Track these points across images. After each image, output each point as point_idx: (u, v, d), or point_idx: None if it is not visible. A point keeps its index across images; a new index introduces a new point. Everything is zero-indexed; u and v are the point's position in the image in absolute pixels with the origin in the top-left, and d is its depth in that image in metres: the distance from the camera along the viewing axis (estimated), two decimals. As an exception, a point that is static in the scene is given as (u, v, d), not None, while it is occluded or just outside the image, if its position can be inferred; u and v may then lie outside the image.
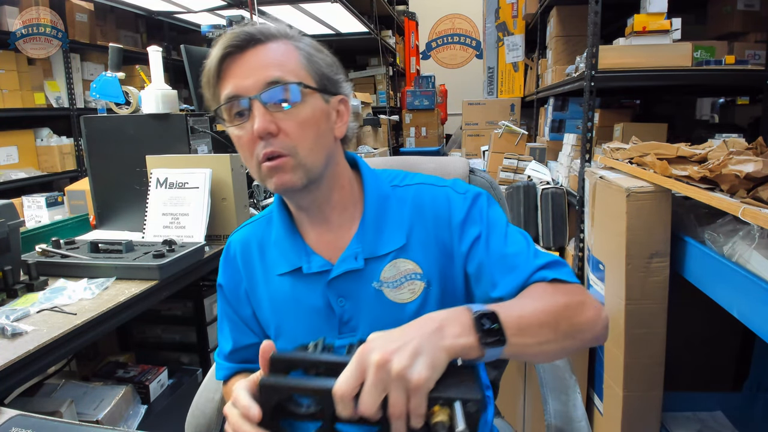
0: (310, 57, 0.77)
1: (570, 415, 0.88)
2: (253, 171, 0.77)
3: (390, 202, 0.84)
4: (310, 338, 0.77)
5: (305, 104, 0.74)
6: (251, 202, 1.93)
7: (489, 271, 0.79)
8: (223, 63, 0.74)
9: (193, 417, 0.95)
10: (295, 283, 0.83)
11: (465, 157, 4.08)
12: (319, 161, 0.77)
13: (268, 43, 0.75)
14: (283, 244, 0.84)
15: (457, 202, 0.83)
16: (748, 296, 1.16)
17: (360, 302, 0.81)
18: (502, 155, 3.13)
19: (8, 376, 0.98)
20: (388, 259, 0.81)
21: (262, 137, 0.72)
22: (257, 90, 0.72)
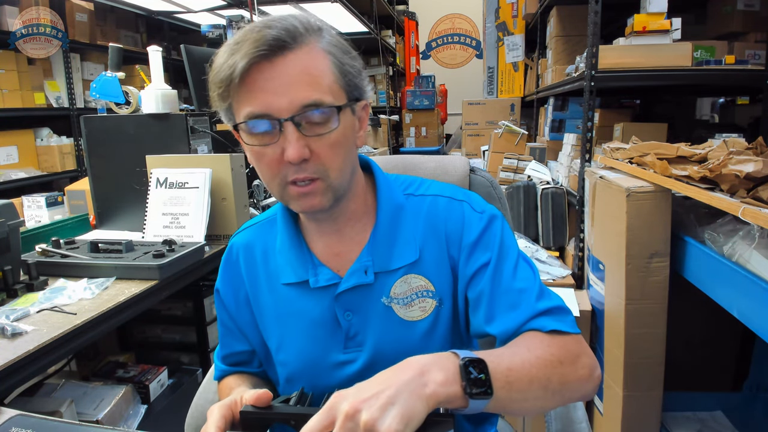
0: (341, 65, 0.70)
1: (570, 416, 0.88)
2: (274, 190, 0.72)
3: (404, 213, 0.79)
4: (314, 351, 0.77)
5: (339, 126, 0.69)
6: (251, 202, 1.93)
7: (489, 303, 0.74)
8: (248, 72, 0.65)
9: (193, 418, 0.95)
10: (300, 294, 0.79)
11: (465, 156, 4.07)
12: (346, 178, 0.73)
13: (299, 50, 0.67)
14: (288, 253, 0.80)
15: (472, 221, 0.78)
16: (748, 296, 1.16)
17: (368, 317, 0.77)
18: (502, 155, 3.13)
19: (8, 376, 0.98)
20: (399, 274, 0.77)
21: (295, 163, 0.67)
22: (291, 112, 0.66)
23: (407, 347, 0.74)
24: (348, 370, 0.78)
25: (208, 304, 1.85)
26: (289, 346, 0.81)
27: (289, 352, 0.81)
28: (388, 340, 0.76)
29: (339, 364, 0.78)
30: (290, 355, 0.81)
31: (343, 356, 0.78)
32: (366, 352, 0.77)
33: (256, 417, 0.64)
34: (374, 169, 0.83)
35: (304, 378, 0.80)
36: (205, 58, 2.10)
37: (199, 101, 2.04)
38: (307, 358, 0.79)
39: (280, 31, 0.65)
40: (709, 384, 1.95)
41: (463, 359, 0.59)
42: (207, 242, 1.59)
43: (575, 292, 2.06)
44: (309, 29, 0.69)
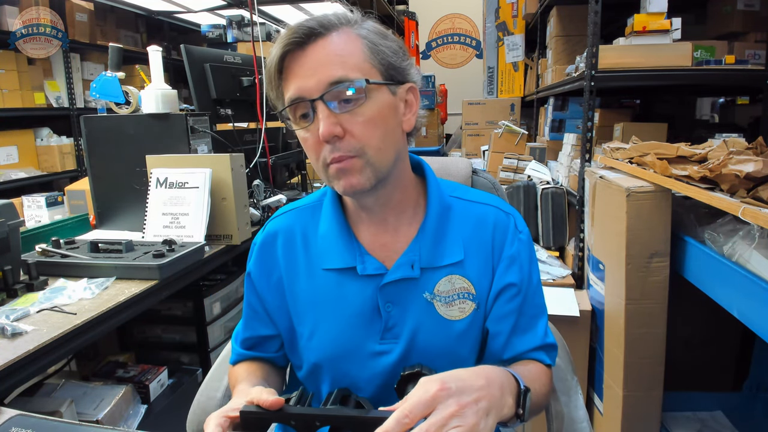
0: (375, 46, 0.72)
1: (572, 416, 0.88)
2: (319, 173, 0.75)
3: (452, 214, 0.82)
4: (350, 339, 0.79)
5: (371, 101, 0.70)
6: (251, 202, 1.93)
7: (511, 322, 0.80)
8: (284, 61, 0.71)
9: (195, 415, 0.95)
10: (343, 281, 0.80)
11: (465, 156, 4.07)
12: (388, 159, 0.74)
13: (329, 35, 0.70)
14: (334, 239, 0.81)
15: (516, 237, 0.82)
16: (748, 296, 1.16)
17: (408, 310, 0.78)
18: (502, 155, 3.13)
19: (8, 376, 0.98)
20: (444, 273, 0.79)
21: (328, 141, 0.69)
22: (320, 91, 0.69)
23: (442, 344, 0.78)
24: (382, 361, 0.79)
25: (208, 304, 1.85)
26: (324, 332, 0.81)
27: (323, 338, 0.81)
28: (425, 335, 0.78)
29: (374, 354, 0.79)
30: (324, 341, 0.81)
31: (379, 347, 0.79)
32: (401, 345, 0.78)
33: (256, 417, 0.64)
34: (425, 166, 0.85)
35: (334, 365, 0.80)
36: (205, 58, 2.11)
37: (199, 101, 2.04)
38: (342, 345, 0.80)
39: (314, 23, 0.71)
40: (709, 384, 1.95)
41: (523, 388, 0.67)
42: (207, 242, 1.59)
43: (575, 292, 2.06)
44: (342, 19, 0.72)
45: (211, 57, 2.14)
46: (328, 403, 0.66)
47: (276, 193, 2.19)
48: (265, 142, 2.17)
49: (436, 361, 0.77)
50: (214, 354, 1.87)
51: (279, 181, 2.41)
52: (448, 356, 0.78)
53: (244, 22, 3.97)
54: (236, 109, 2.20)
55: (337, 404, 0.67)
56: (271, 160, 2.22)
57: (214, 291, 1.88)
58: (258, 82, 2.19)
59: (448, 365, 0.75)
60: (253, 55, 2.24)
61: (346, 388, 0.73)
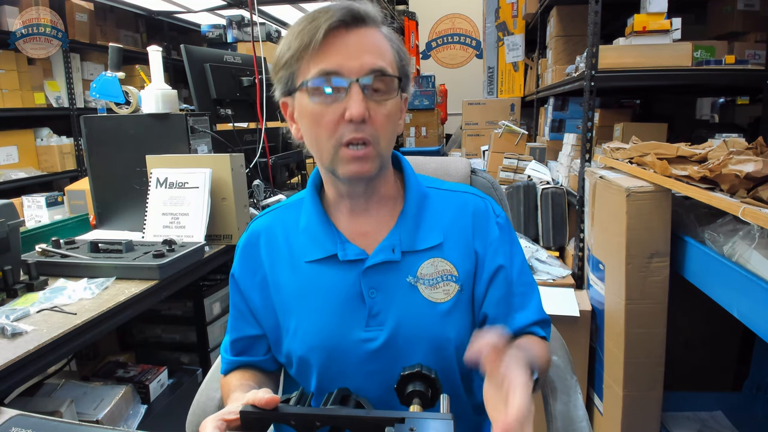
0: (400, 52, 0.78)
1: (571, 415, 0.88)
2: (325, 152, 0.75)
3: (429, 202, 0.85)
4: (336, 328, 0.80)
5: (393, 98, 0.75)
6: (251, 202, 1.93)
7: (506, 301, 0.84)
8: (326, 35, 0.72)
9: (194, 416, 0.94)
10: (325, 271, 0.81)
11: (465, 156, 4.07)
12: (389, 153, 0.79)
13: (371, 28, 0.75)
14: (315, 231, 0.83)
15: (496, 221, 0.86)
16: (748, 296, 1.16)
17: (392, 295, 0.80)
18: (502, 155, 3.13)
19: (8, 376, 0.98)
20: (426, 256, 0.81)
21: (356, 121, 0.71)
22: (360, 74, 0.72)
23: (427, 327, 0.80)
24: (367, 348, 0.80)
25: (208, 304, 1.85)
26: (310, 324, 0.82)
27: (309, 329, 0.82)
28: (410, 319, 0.80)
29: (359, 342, 0.80)
30: (310, 332, 0.82)
31: (364, 334, 0.80)
32: (386, 331, 0.80)
33: (256, 417, 0.64)
34: (402, 161, 0.89)
35: (321, 355, 0.81)
36: (205, 58, 2.11)
37: (199, 101, 2.04)
38: (327, 334, 0.81)
39: (361, 10, 0.74)
40: (709, 384, 1.95)
41: (536, 377, 0.69)
42: (207, 242, 1.59)
43: (575, 292, 2.06)
44: (378, 15, 0.77)
45: (211, 57, 2.14)
46: (328, 403, 0.66)
47: (276, 193, 2.19)
48: (265, 142, 2.17)
49: (423, 345, 0.80)
50: (214, 354, 1.87)
51: (279, 181, 2.41)
52: (433, 340, 0.80)
53: (244, 22, 3.97)
54: (236, 109, 2.20)
55: (337, 404, 0.67)
56: (271, 160, 2.22)
57: (214, 291, 1.88)
58: (258, 82, 2.19)
59: (433, 349, 0.79)
60: (253, 55, 2.24)
61: (346, 388, 0.73)
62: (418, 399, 0.67)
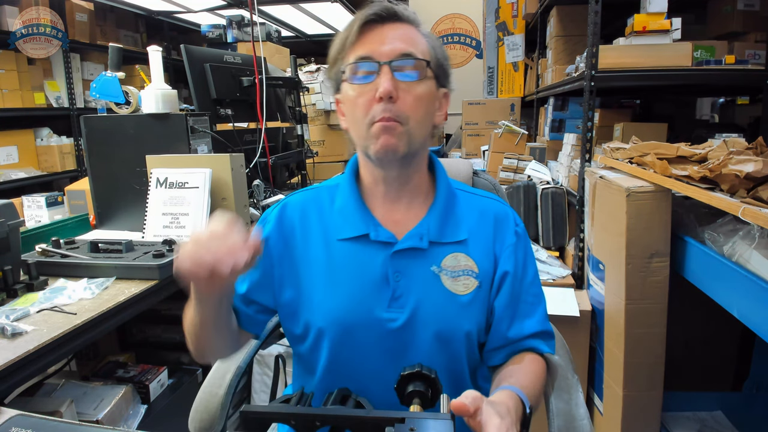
0: (435, 48, 0.85)
1: (572, 413, 0.88)
2: (360, 130, 0.82)
3: (456, 201, 0.91)
4: (360, 305, 0.84)
5: (423, 83, 0.82)
6: (251, 202, 1.93)
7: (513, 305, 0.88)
8: (364, 28, 0.82)
9: (197, 413, 0.94)
10: (356, 250, 0.86)
11: (465, 157, 4.07)
12: (421, 136, 0.83)
13: (405, 24, 0.84)
14: (350, 211, 0.88)
15: (515, 229, 0.92)
16: (748, 296, 1.16)
17: (415, 281, 0.85)
18: (502, 155, 3.13)
19: (8, 376, 0.98)
20: (450, 249, 0.86)
21: (383, 99, 0.78)
22: (389, 57, 0.80)
23: (444, 315, 0.84)
24: (387, 327, 0.84)
25: (208, 304, 1.85)
26: (334, 297, 0.86)
27: (333, 302, 0.86)
28: (429, 306, 0.84)
29: (380, 321, 0.84)
30: (333, 305, 0.85)
31: (385, 314, 0.84)
32: (406, 314, 0.84)
33: (256, 417, 0.64)
34: (435, 160, 0.95)
35: (340, 328, 0.85)
36: (205, 58, 2.11)
37: (199, 101, 2.04)
38: (350, 309, 0.85)
39: (396, 8, 0.83)
40: (709, 384, 1.95)
41: (528, 412, 0.74)
42: (207, 242, 1.59)
43: (575, 292, 2.06)
44: (416, 19, 0.87)
45: (211, 57, 2.14)
46: (328, 403, 0.66)
47: (276, 193, 2.19)
48: (265, 142, 2.17)
49: (436, 330, 0.84)
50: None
51: (279, 181, 2.41)
52: (448, 328, 0.84)
53: (244, 22, 3.97)
54: (236, 109, 2.20)
55: (337, 404, 0.67)
56: (271, 160, 2.22)
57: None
58: (258, 82, 2.19)
59: (445, 338, 0.85)
60: (253, 55, 2.24)
61: (346, 388, 0.73)
62: (418, 399, 0.67)
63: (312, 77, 3.36)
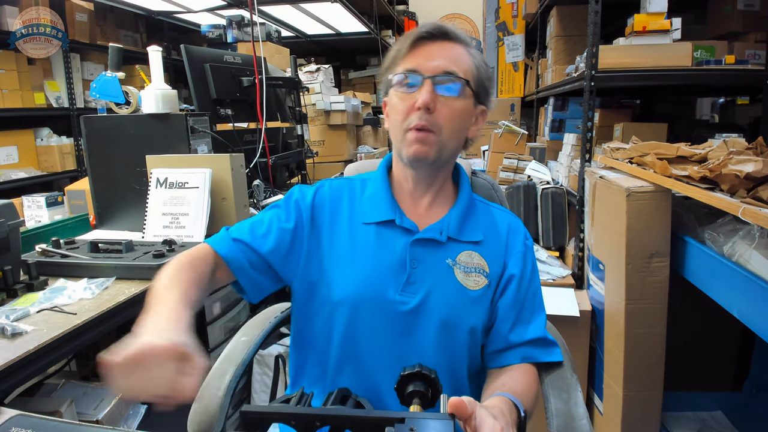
0: (479, 68, 0.92)
1: (571, 413, 0.88)
2: (398, 133, 0.90)
3: (474, 207, 0.99)
4: (376, 284, 0.91)
5: (461, 99, 0.89)
6: (251, 202, 1.93)
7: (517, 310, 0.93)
8: (416, 43, 0.90)
9: (196, 414, 0.94)
10: (380, 233, 0.94)
11: (465, 157, 4.07)
12: (452, 147, 0.91)
13: (454, 43, 0.91)
14: (378, 199, 0.96)
15: (525, 240, 0.99)
16: (748, 296, 1.16)
17: (430, 270, 0.91)
18: (502, 155, 3.13)
19: (8, 376, 0.98)
20: (465, 247, 0.94)
21: (421, 108, 0.85)
22: (433, 73, 0.87)
23: (453, 306, 0.90)
24: (399, 309, 0.90)
25: (208, 304, 1.85)
26: (354, 274, 0.92)
27: (351, 278, 0.92)
28: (440, 295, 0.91)
29: (393, 302, 0.90)
30: (352, 281, 0.92)
31: (399, 297, 0.90)
32: (417, 298, 0.90)
33: (256, 417, 0.64)
34: (461, 168, 1.03)
35: (354, 304, 0.90)
36: (205, 58, 2.11)
37: (199, 101, 2.04)
38: (367, 287, 0.91)
39: (448, 28, 0.91)
40: (709, 384, 1.95)
41: (522, 416, 0.78)
42: (207, 242, 1.59)
43: (575, 292, 2.06)
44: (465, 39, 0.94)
45: (211, 57, 2.14)
46: (328, 403, 0.66)
47: (276, 193, 2.19)
48: (265, 142, 2.17)
49: (442, 320, 0.89)
50: (214, 354, 1.87)
51: (279, 181, 2.41)
52: (453, 319, 0.90)
53: (244, 22, 3.97)
54: (236, 109, 2.20)
55: (337, 404, 0.67)
56: (271, 160, 2.22)
57: (214, 291, 1.88)
58: (258, 82, 2.19)
59: (450, 328, 0.90)
60: (253, 55, 2.24)
61: (346, 388, 0.73)
62: (418, 399, 0.67)
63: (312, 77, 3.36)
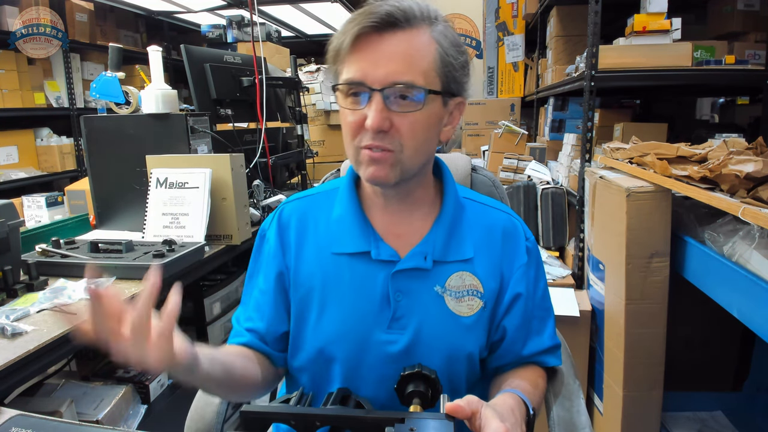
0: (446, 56, 0.73)
1: (574, 422, 0.85)
2: (350, 151, 0.76)
3: (464, 214, 0.84)
4: (358, 325, 0.79)
5: (424, 109, 0.72)
6: (251, 202, 1.93)
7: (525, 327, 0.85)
8: (357, 40, 0.71)
9: (192, 421, 0.92)
10: (354, 266, 0.80)
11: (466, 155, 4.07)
12: (417, 164, 0.76)
13: (408, 31, 0.71)
14: (349, 223, 0.82)
15: (525, 246, 0.86)
16: (748, 296, 1.16)
17: (418, 302, 0.79)
18: (502, 155, 3.13)
19: (8, 376, 0.98)
20: (455, 268, 0.81)
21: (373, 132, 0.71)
22: (383, 84, 0.70)
23: (447, 338, 0.80)
24: (388, 350, 0.79)
25: (208, 304, 1.85)
26: (332, 316, 0.80)
27: (330, 321, 0.80)
28: (432, 328, 0.79)
29: (380, 343, 0.79)
30: (331, 325, 0.80)
31: (385, 336, 0.79)
32: (407, 336, 0.79)
33: (256, 417, 0.64)
34: (443, 168, 0.87)
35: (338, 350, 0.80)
36: (205, 58, 2.11)
37: (199, 101, 2.04)
38: (348, 330, 0.80)
39: (397, 11, 0.70)
40: (709, 384, 1.95)
41: (531, 414, 0.73)
42: (207, 242, 1.59)
43: (575, 292, 2.06)
44: (424, 14, 0.73)
45: (211, 57, 2.14)
46: (328, 403, 0.66)
47: (276, 193, 2.19)
48: (265, 142, 2.17)
49: (439, 354, 0.79)
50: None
51: (279, 181, 2.41)
52: (450, 351, 0.80)
53: (244, 22, 3.97)
54: (236, 109, 2.20)
55: (337, 404, 0.67)
56: (271, 160, 2.22)
57: (214, 291, 1.88)
58: (258, 82, 2.19)
59: (447, 359, 0.79)
60: (253, 55, 2.24)
61: (346, 388, 0.73)
62: (418, 399, 0.67)
63: (312, 77, 3.36)
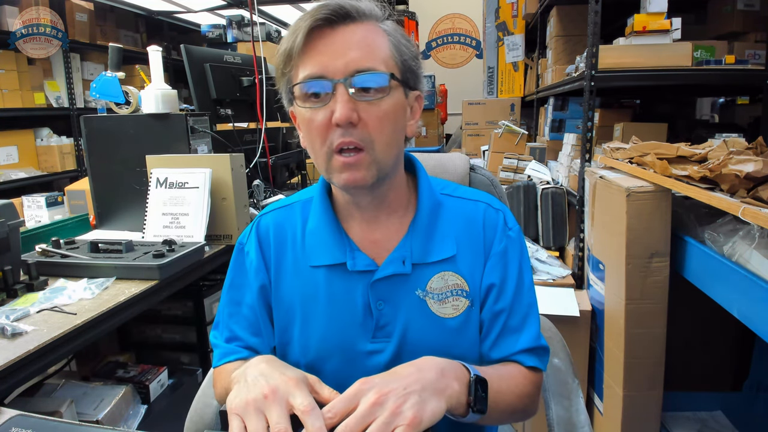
0: (398, 46, 0.73)
1: (573, 421, 0.85)
2: (320, 159, 0.72)
3: (442, 210, 0.81)
4: (342, 338, 0.77)
5: (389, 97, 0.70)
6: (251, 202, 1.93)
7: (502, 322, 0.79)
8: (311, 36, 0.68)
9: (192, 422, 0.92)
10: (332, 278, 0.78)
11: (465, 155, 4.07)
12: (391, 158, 0.73)
13: (360, 23, 0.70)
14: (323, 235, 0.79)
15: (504, 234, 0.81)
16: (748, 296, 1.16)
17: (400, 308, 0.77)
18: (502, 155, 3.13)
19: (8, 376, 0.98)
20: (436, 269, 0.78)
21: (342, 125, 0.68)
22: (345, 74, 0.68)
23: (435, 343, 0.76)
24: (375, 360, 0.77)
25: (208, 304, 1.85)
26: (314, 331, 0.79)
27: (312, 337, 0.79)
28: (418, 333, 0.77)
29: (366, 354, 0.77)
30: (314, 340, 0.79)
31: (370, 345, 0.77)
32: (393, 343, 0.77)
33: None
34: (416, 163, 0.84)
35: (324, 365, 0.78)
36: (205, 58, 2.11)
37: (199, 101, 2.04)
38: (333, 343, 0.78)
39: (348, 4, 0.70)
40: (709, 384, 1.95)
41: (473, 376, 0.66)
42: (207, 242, 1.59)
43: (575, 292, 2.06)
44: (372, 11, 0.73)
45: (211, 57, 2.13)
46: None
47: (276, 193, 2.19)
48: (265, 142, 2.17)
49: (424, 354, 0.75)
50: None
51: (279, 181, 2.41)
52: (440, 355, 0.74)
53: (244, 22, 3.97)
54: (236, 109, 2.20)
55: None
56: (271, 160, 2.22)
57: (214, 291, 1.88)
58: (258, 82, 2.19)
59: None
60: (253, 55, 2.24)
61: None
62: None
63: (312, 77, 3.35)
